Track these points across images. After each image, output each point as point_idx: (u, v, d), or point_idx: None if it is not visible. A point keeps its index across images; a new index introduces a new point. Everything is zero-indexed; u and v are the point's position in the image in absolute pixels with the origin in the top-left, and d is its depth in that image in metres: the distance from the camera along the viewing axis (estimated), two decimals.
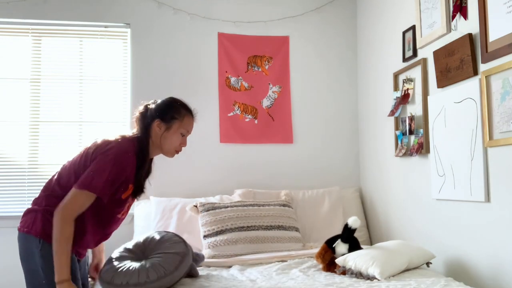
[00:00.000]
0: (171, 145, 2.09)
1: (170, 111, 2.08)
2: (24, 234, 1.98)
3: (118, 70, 3.53)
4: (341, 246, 2.40)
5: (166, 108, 2.08)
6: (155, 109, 2.08)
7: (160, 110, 2.07)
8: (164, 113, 2.06)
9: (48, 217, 1.94)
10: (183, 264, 2.06)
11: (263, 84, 3.62)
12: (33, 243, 1.94)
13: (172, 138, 2.07)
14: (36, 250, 1.93)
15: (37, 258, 1.93)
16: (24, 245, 1.99)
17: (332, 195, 3.42)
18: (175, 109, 2.09)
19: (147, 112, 2.10)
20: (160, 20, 3.54)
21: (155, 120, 2.05)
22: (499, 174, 2.11)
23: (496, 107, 2.11)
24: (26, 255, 1.98)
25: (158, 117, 2.05)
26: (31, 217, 1.99)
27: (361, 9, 3.69)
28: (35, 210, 2.00)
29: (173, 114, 2.07)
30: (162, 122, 2.05)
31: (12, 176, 3.36)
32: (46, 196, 2.01)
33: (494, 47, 2.10)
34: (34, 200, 2.06)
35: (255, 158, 3.57)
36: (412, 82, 2.86)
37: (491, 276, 2.17)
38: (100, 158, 1.92)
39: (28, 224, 1.97)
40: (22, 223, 2.02)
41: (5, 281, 3.24)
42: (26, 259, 1.98)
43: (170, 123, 2.06)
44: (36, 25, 3.43)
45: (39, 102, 3.43)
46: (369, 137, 3.52)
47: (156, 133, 2.06)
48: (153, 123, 2.06)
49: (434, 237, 2.63)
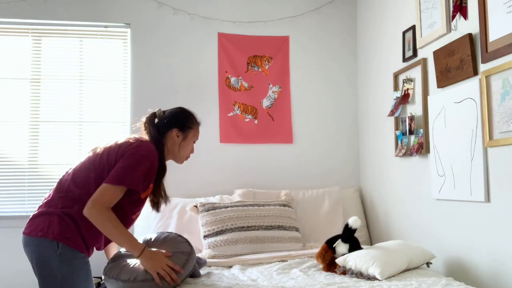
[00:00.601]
0: (186, 153, 2.23)
1: (187, 121, 2.21)
2: (38, 238, 1.93)
3: (118, 70, 3.53)
4: (342, 246, 2.40)
5: (183, 118, 2.21)
6: (172, 118, 2.19)
7: (178, 120, 2.19)
8: (182, 123, 2.19)
9: (66, 219, 1.94)
10: (189, 263, 2.06)
11: (263, 84, 3.62)
12: (50, 247, 1.92)
13: (188, 146, 2.21)
14: (55, 254, 1.91)
15: (56, 262, 1.92)
16: (39, 250, 1.94)
17: (332, 195, 3.42)
18: (190, 119, 2.23)
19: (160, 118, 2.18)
20: (160, 20, 3.54)
21: (174, 129, 2.16)
22: (499, 174, 2.11)
23: (496, 107, 2.11)
24: (41, 260, 1.94)
25: (177, 126, 2.17)
26: (45, 220, 1.95)
27: (361, 9, 3.69)
28: (49, 212, 1.97)
29: (189, 124, 2.21)
30: (180, 131, 2.17)
31: (12, 176, 3.36)
32: (61, 197, 2.00)
33: (494, 47, 2.10)
34: (45, 202, 2.03)
35: (255, 158, 3.57)
36: (412, 82, 2.86)
37: (491, 276, 2.17)
38: (131, 153, 1.97)
39: (42, 228, 1.94)
40: (32, 226, 1.97)
41: (5, 281, 3.24)
42: (41, 265, 1.94)
43: (186, 133, 2.19)
44: (36, 25, 3.43)
45: (39, 102, 3.43)
46: (369, 137, 3.52)
47: (174, 141, 2.17)
48: (171, 132, 2.16)
49: (434, 237, 2.63)
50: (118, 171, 1.94)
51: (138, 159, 1.96)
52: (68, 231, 1.93)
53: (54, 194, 2.03)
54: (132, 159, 1.96)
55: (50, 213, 1.97)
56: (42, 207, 2.03)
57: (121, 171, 1.94)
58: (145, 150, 2.00)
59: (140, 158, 1.96)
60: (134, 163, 1.95)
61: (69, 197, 1.98)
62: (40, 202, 3.40)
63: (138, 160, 1.96)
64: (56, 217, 1.95)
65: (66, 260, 1.92)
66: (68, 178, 2.05)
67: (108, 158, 2.01)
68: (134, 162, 1.95)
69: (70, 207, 1.95)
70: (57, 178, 3.42)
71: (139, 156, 1.97)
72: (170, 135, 2.16)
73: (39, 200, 3.32)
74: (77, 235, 1.97)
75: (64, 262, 1.92)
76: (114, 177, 1.93)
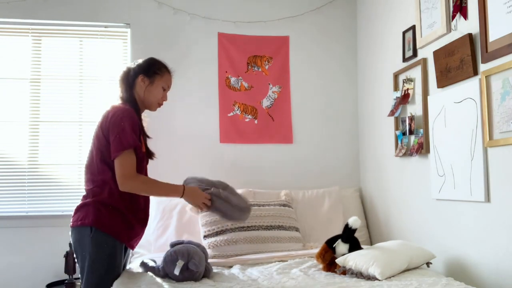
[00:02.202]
0: (154, 98, 2.32)
1: (152, 67, 2.32)
2: (77, 227, 2.15)
3: (118, 70, 3.53)
4: (342, 246, 2.39)
5: (148, 65, 2.32)
6: (138, 67, 2.32)
7: (143, 67, 2.31)
8: (147, 69, 2.30)
9: (99, 207, 2.13)
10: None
11: (263, 84, 3.62)
12: (85, 232, 2.12)
13: (155, 91, 2.31)
14: (88, 237, 2.11)
15: (87, 244, 2.11)
16: (76, 237, 2.16)
17: (332, 195, 3.42)
18: (156, 65, 2.34)
19: (129, 72, 2.31)
20: (160, 20, 3.54)
21: (139, 76, 2.28)
22: (499, 174, 2.11)
23: (496, 107, 2.11)
24: (78, 244, 2.15)
25: (142, 72, 2.29)
26: (83, 211, 2.16)
27: (361, 9, 3.69)
28: (86, 204, 2.17)
29: (155, 69, 2.32)
30: (145, 77, 2.29)
31: (12, 176, 3.35)
32: (89, 190, 2.19)
33: (494, 47, 2.10)
34: (82, 197, 2.24)
35: (255, 158, 3.57)
36: (412, 82, 2.86)
37: (491, 276, 2.17)
38: (113, 122, 2.12)
39: (82, 218, 2.14)
40: (74, 218, 2.18)
41: (5, 280, 3.24)
42: (77, 248, 2.16)
43: (152, 78, 2.30)
44: (36, 25, 3.43)
45: (39, 102, 3.43)
46: (369, 137, 3.52)
47: (140, 87, 2.29)
48: (137, 79, 2.28)
49: (434, 237, 2.63)
50: (115, 142, 2.10)
51: (120, 123, 2.11)
52: (102, 218, 2.12)
53: (86, 188, 2.23)
54: (117, 126, 2.11)
55: (86, 204, 2.17)
56: (82, 200, 2.23)
57: (117, 140, 2.10)
58: (121, 112, 2.15)
59: (121, 121, 2.12)
60: (120, 127, 2.11)
61: (95, 186, 2.17)
62: (39, 202, 3.42)
63: (121, 123, 2.11)
64: (91, 207, 2.14)
65: (97, 244, 2.11)
66: (85, 173, 2.24)
67: (99, 136, 2.18)
68: (119, 126, 2.11)
69: (99, 195, 2.15)
70: (57, 178, 3.44)
71: (119, 120, 2.12)
72: (137, 82, 2.29)
73: (39, 200, 3.35)
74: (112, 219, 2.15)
75: (95, 245, 2.11)
76: (116, 147, 2.09)
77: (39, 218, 3.30)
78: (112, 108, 2.21)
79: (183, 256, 2.13)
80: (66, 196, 3.38)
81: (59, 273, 3.20)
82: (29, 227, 3.28)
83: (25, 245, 3.27)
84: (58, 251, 3.19)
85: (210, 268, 2.32)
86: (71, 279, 3.02)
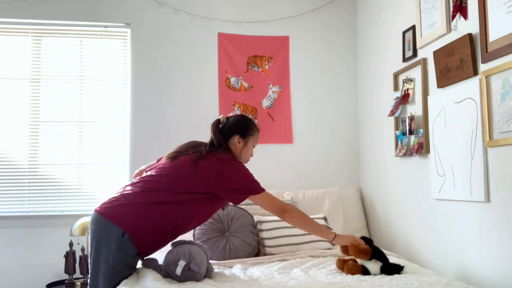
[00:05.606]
0: (247, 157, 2.42)
1: (248, 128, 2.39)
2: (110, 222, 2.07)
3: (118, 70, 3.53)
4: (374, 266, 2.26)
5: (245, 125, 2.39)
6: (234, 125, 2.38)
7: (240, 127, 2.38)
8: (243, 129, 2.37)
9: (143, 213, 2.08)
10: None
11: (263, 84, 3.62)
12: (115, 233, 2.05)
13: (248, 151, 2.41)
14: (116, 240, 2.05)
15: (113, 247, 2.04)
16: (103, 231, 2.08)
17: (332, 195, 3.42)
18: (251, 126, 2.41)
19: (219, 125, 2.37)
20: (160, 20, 3.54)
21: (235, 136, 2.35)
22: (499, 174, 2.12)
23: (496, 107, 2.12)
24: (103, 241, 2.07)
25: (238, 133, 2.35)
26: (123, 210, 2.09)
27: (361, 9, 3.69)
28: (129, 203, 2.11)
29: (250, 131, 2.39)
30: (241, 138, 2.36)
31: (12, 176, 3.35)
32: (144, 193, 2.14)
33: (494, 47, 2.10)
34: (125, 194, 2.16)
35: (255, 158, 3.54)
36: (412, 82, 2.87)
37: (491, 275, 2.17)
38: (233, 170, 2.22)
39: (117, 215, 2.08)
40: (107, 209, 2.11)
41: (5, 280, 3.24)
42: (98, 245, 2.08)
43: (247, 139, 2.38)
44: (36, 25, 3.43)
45: (39, 102, 3.43)
46: (369, 137, 3.52)
47: (235, 146, 2.36)
48: (233, 138, 2.35)
49: (434, 237, 2.63)
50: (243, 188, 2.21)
51: (240, 169, 2.24)
52: (139, 225, 2.07)
53: (137, 188, 2.17)
54: (239, 174, 2.22)
55: (129, 204, 2.11)
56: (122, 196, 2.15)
57: (244, 187, 2.21)
58: (234, 160, 2.26)
59: (240, 166, 2.25)
60: (243, 174, 2.23)
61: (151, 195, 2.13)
62: (39, 202, 3.40)
63: (241, 170, 2.24)
64: (134, 210, 2.09)
65: (123, 251, 2.05)
66: (152, 180, 2.19)
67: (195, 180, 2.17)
68: (242, 174, 2.23)
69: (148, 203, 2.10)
70: (57, 178, 3.41)
71: (238, 167, 2.24)
72: (232, 141, 2.35)
73: (39, 200, 3.34)
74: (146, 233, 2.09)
75: (121, 251, 2.05)
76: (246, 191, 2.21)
77: (39, 218, 3.30)
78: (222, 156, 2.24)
79: (185, 257, 2.13)
80: (66, 196, 3.38)
81: (59, 273, 3.20)
82: (29, 227, 3.28)
83: (25, 245, 3.27)
84: (58, 251, 3.19)
85: (211, 268, 2.32)
86: (71, 279, 3.02)
